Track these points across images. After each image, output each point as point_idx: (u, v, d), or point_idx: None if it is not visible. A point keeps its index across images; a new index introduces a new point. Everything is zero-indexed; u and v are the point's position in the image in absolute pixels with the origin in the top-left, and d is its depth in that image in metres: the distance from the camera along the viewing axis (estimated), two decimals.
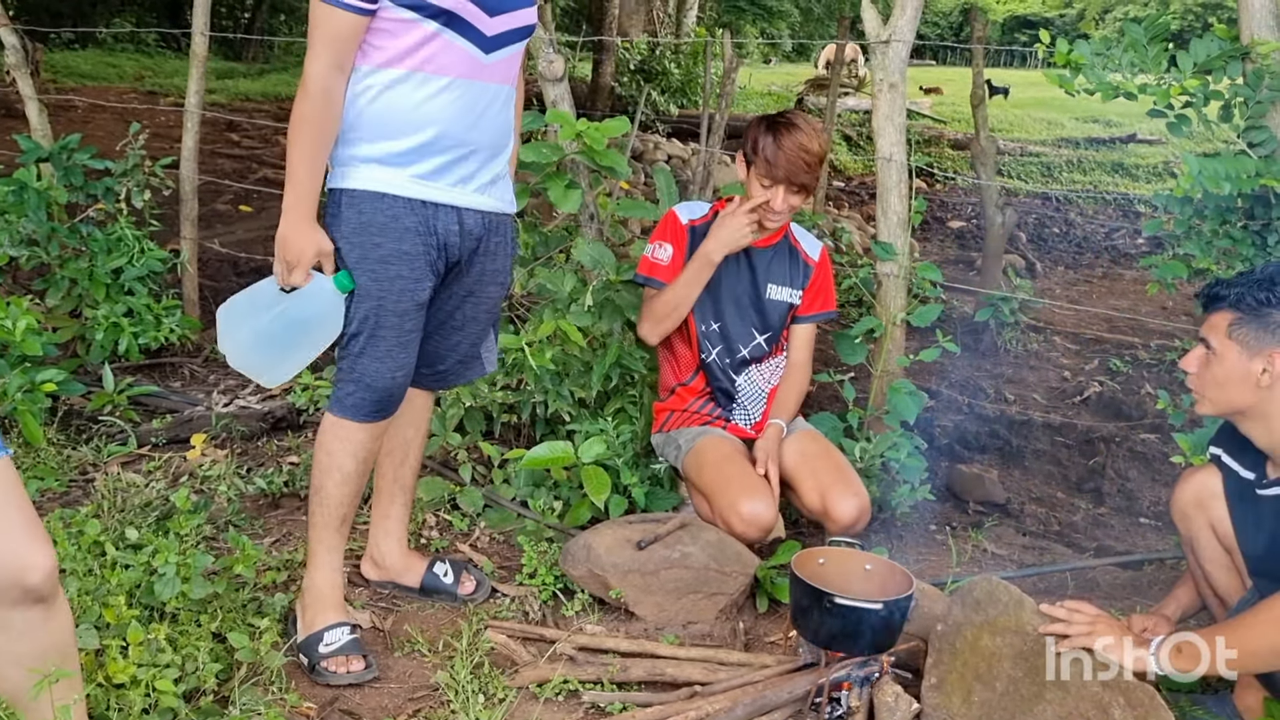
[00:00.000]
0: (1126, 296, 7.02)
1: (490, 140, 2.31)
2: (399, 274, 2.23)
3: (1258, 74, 2.63)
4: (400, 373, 2.30)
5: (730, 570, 2.58)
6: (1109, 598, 2.89)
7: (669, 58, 13.23)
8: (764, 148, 2.77)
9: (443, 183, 2.25)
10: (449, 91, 2.19)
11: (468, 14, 2.16)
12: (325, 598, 2.36)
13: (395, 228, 2.21)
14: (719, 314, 2.96)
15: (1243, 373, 2.06)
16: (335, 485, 2.33)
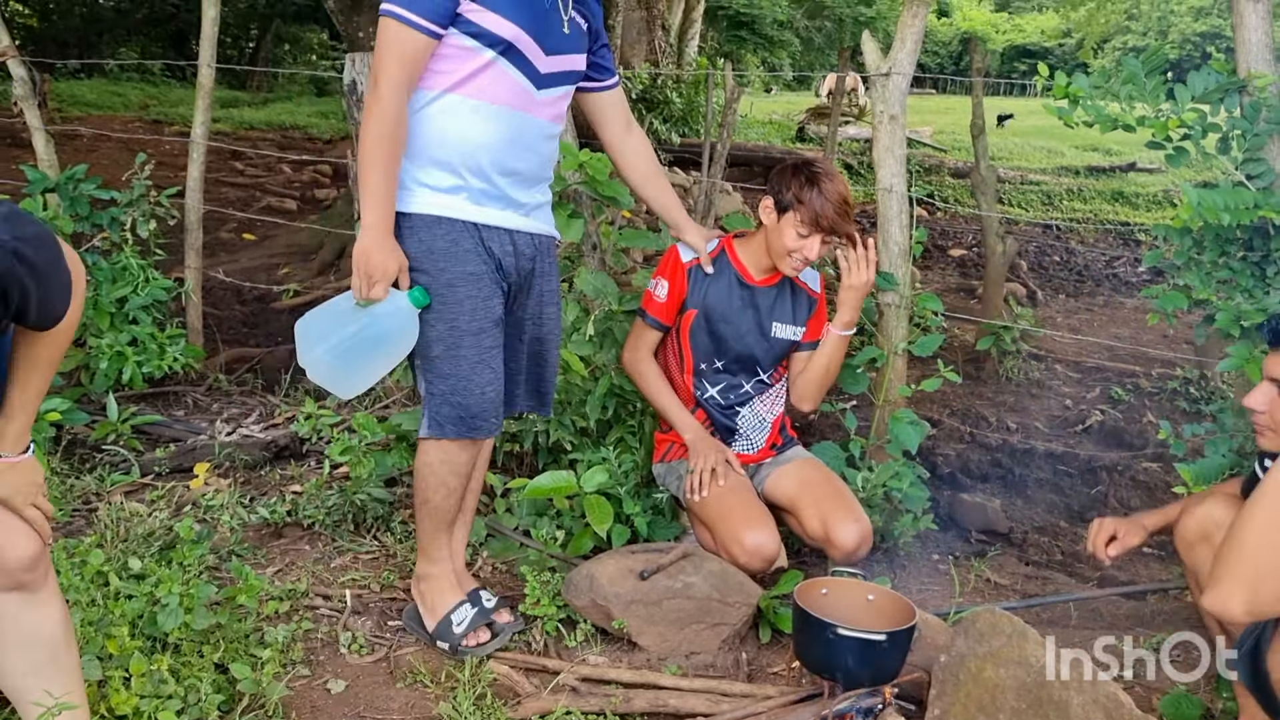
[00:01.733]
0: (1128, 325, 7.02)
1: (535, 170, 2.44)
2: (467, 295, 2.33)
3: (1255, 106, 2.66)
4: (489, 389, 2.38)
5: (733, 600, 2.57)
6: (1112, 627, 2.88)
7: (671, 87, 13.30)
8: (811, 199, 2.74)
9: (493, 207, 2.36)
10: (499, 120, 2.31)
11: (525, 47, 2.29)
12: (443, 583, 2.52)
13: (456, 251, 2.32)
14: (723, 353, 2.96)
15: None
16: (443, 499, 2.46)
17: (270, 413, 4.03)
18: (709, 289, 2.94)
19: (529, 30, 2.29)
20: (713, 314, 2.93)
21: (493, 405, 2.40)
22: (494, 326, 2.38)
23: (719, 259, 2.96)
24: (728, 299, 2.94)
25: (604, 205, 3.53)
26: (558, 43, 2.37)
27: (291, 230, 7.47)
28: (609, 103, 2.73)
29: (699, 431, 2.95)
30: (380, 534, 3.06)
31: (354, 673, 2.40)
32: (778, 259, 2.86)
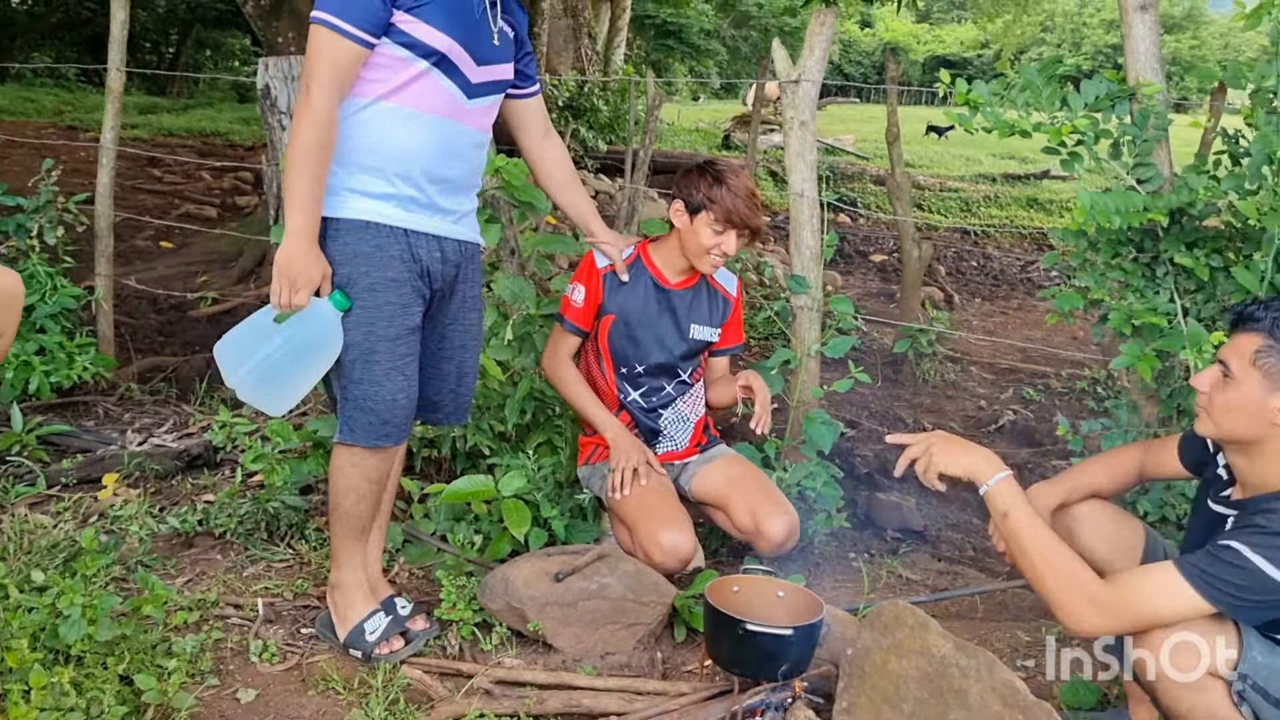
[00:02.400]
0: (1040, 327, 7.22)
1: (464, 178, 2.46)
2: (387, 300, 2.32)
3: (1144, 114, 2.76)
4: (401, 395, 2.37)
5: (648, 600, 2.60)
6: (1018, 619, 2.97)
7: (597, 95, 13.36)
8: (718, 195, 2.80)
9: (422, 214, 2.37)
10: (431, 128, 2.33)
11: (457, 58, 2.32)
12: (355, 592, 2.50)
13: (380, 256, 2.31)
14: (643, 359, 2.99)
15: (1259, 405, 1.94)
16: (353, 504, 2.45)
17: (184, 422, 3.97)
18: (626, 294, 2.97)
19: (461, 41, 2.31)
20: (630, 318, 2.97)
21: (405, 412, 2.40)
22: (410, 334, 2.38)
23: (635, 265, 2.99)
24: (644, 303, 2.97)
25: (524, 211, 3.54)
26: (488, 53, 2.40)
27: (210, 237, 7.34)
28: (529, 109, 2.76)
29: (620, 430, 2.98)
30: (294, 542, 3.03)
31: (265, 681, 2.38)
32: (696, 259, 2.90)
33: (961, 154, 15.63)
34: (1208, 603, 1.86)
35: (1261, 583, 1.84)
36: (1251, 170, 2.53)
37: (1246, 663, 1.90)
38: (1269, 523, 1.88)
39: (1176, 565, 1.90)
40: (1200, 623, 1.90)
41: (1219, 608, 1.87)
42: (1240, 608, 1.87)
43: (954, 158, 15.33)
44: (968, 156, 15.43)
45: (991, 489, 2.10)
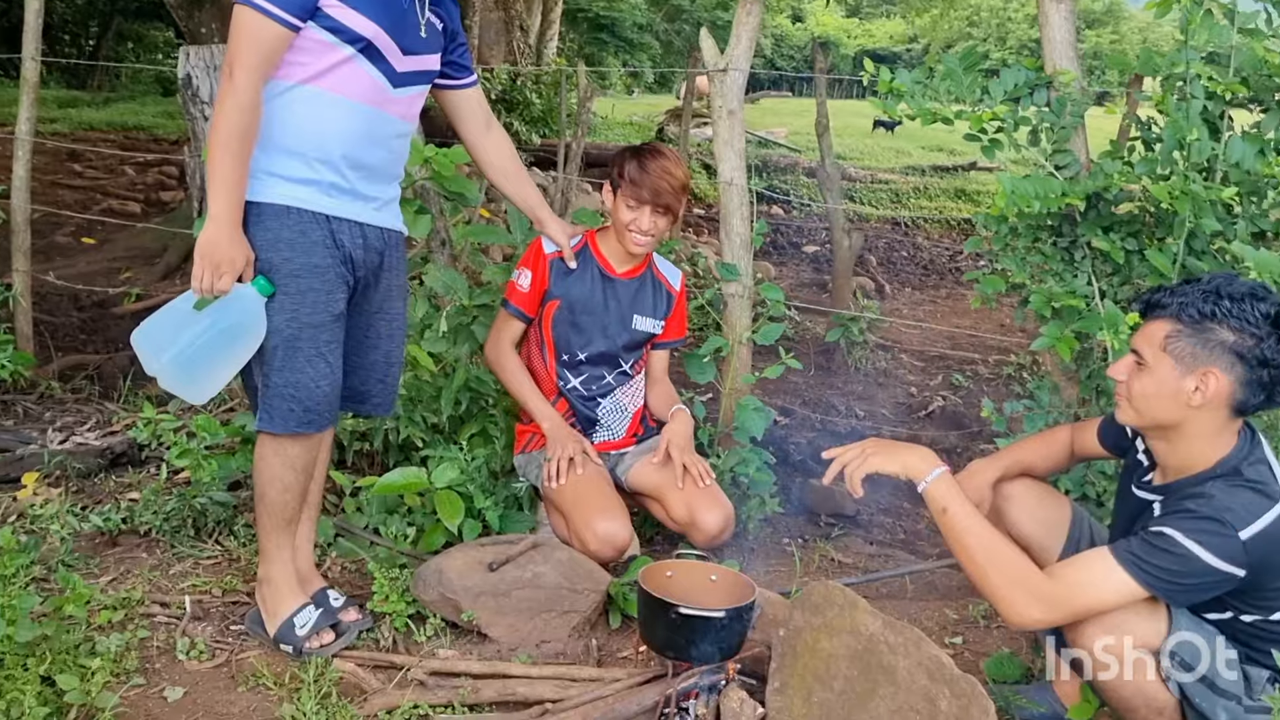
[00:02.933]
0: (968, 315, 7.35)
1: (386, 167, 2.45)
2: (310, 286, 2.30)
3: (1061, 101, 2.83)
4: (324, 382, 2.35)
5: (582, 588, 2.60)
6: (946, 597, 3.03)
7: (530, 88, 13.28)
8: (629, 171, 2.88)
9: (344, 199, 2.34)
10: (355, 115, 2.31)
11: (383, 46, 2.30)
12: (284, 586, 2.47)
13: (304, 242, 2.29)
14: (586, 346, 3.01)
15: (1174, 389, 1.95)
16: (278, 493, 2.41)
17: (108, 420, 3.88)
18: (572, 280, 2.99)
19: (388, 29, 2.29)
20: (575, 305, 2.98)
21: (328, 400, 2.37)
22: (334, 321, 2.36)
23: (582, 252, 3.02)
24: (590, 291, 2.99)
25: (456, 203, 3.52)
26: (414, 43, 2.39)
27: (134, 233, 7.17)
28: (468, 101, 2.76)
29: (557, 421, 2.98)
30: (223, 538, 2.98)
31: (193, 679, 2.34)
32: (621, 238, 2.95)
33: (891, 146, 15.85)
34: (1143, 589, 1.90)
35: (1196, 567, 1.87)
36: (1163, 155, 2.61)
37: (1174, 640, 1.94)
38: (1198, 506, 1.91)
39: (1113, 554, 1.93)
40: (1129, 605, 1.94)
41: (1154, 593, 1.91)
42: (1174, 591, 1.91)
43: (884, 150, 15.54)
44: (897, 149, 15.65)
45: (929, 486, 2.12)
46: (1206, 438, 1.99)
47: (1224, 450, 1.99)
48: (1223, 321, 1.92)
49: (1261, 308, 1.91)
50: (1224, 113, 2.63)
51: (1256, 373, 1.91)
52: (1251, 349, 1.90)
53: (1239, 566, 1.87)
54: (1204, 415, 1.96)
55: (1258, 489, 1.91)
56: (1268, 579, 1.93)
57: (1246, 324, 1.91)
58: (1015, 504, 2.37)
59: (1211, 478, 1.97)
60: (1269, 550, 1.88)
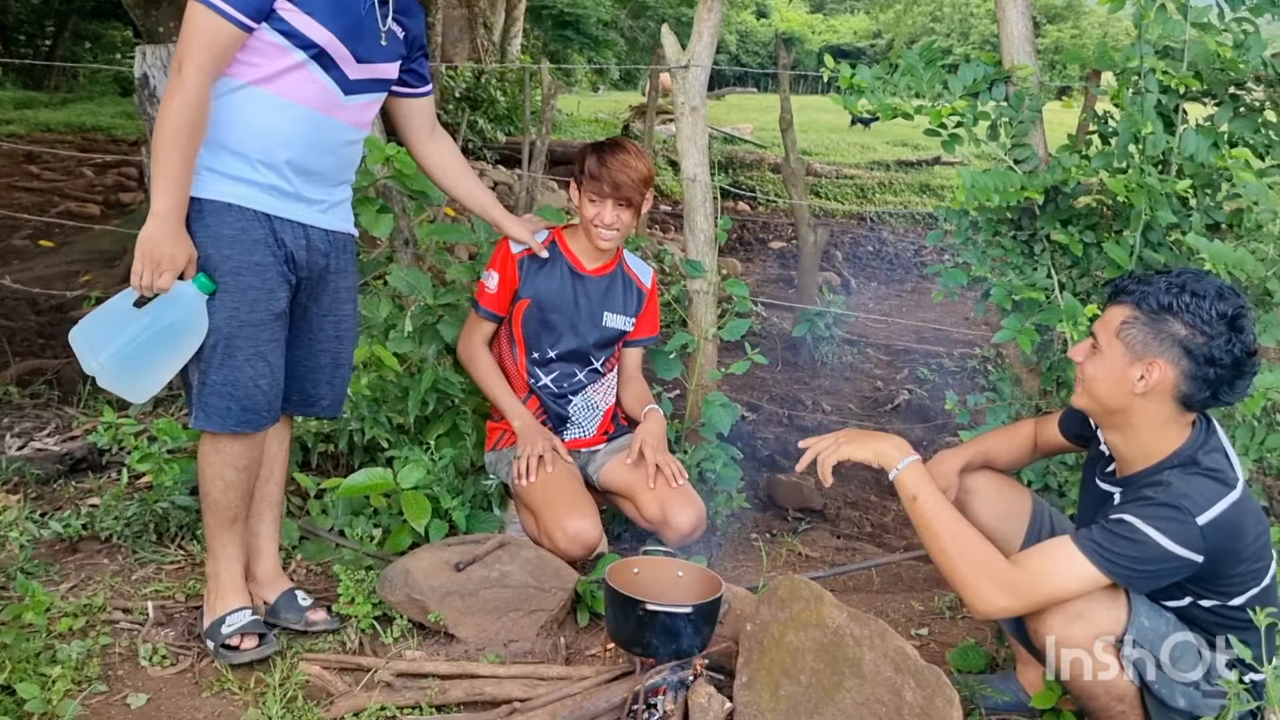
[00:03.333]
0: (933, 309, 7.41)
1: (333, 173, 2.43)
2: (251, 284, 2.28)
3: (1019, 95, 2.86)
4: (263, 381, 2.32)
5: (550, 587, 2.60)
6: (912, 589, 3.06)
7: (495, 85, 13.23)
8: (590, 166, 2.89)
9: (287, 201, 2.33)
10: (302, 121, 2.29)
11: (336, 54, 2.29)
12: (226, 586, 2.45)
13: (245, 240, 2.27)
14: (556, 343, 3.00)
15: (1120, 375, 1.99)
16: (220, 492, 2.40)
17: (67, 425, 3.82)
18: (541, 279, 2.98)
19: (341, 37, 2.28)
20: (545, 303, 2.97)
21: (267, 399, 2.35)
22: (275, 320, 2.33)
23: (551, 250, 3.01)
24: (560, 288, 2.99)
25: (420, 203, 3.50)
26: (371, 51, 2.37)
27: (93, 236, 7.07)
28: (417, 109, 2.73)
29: (528, 419, 2.98)
30: (185, 543, 2.95)
31: (156, 685, 2.31)
32: (587, 234, 2.96)
33: (856, 142, 15.93)
34: (1105, 576, 1.93)
35: (1155, 553, 1.90)
36: (1119, 149, 2.64)
37: (1134, 628, 1.97)
38: (1156, 494, 1.94)
39: (1074, 541, 1.96)
40: (1090, 593, 1.96)
41: (1115, 580, 1.94)
42: (1135, 578, 1.94)
43: (849, 145, 15.62)
44: (862, 144, 15.73)
45: (900, 474, 2.15)
46: (1154, 429, 2.02)
47: (1178, 441, 2.02)
48: (1178, 315, 1.94)
49: (1220, 307, 1.93)
50: (1178, 106, 2.66)
51: (1203, 369, 1.93)
52: (1200, 346, 1.93)
53: (1197, 552, 1.90)
54: (1150, 405, 1.99)
55: (1214, 476, 1.94)
56: (1225, 565, 1.96)
57: (1200, 321, 1.92)
58: (977, 497, 2.39)
59: (1169, 467, 2.00)
60: (1225, 536, 1.91)
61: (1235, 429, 2.65)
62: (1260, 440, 2.63)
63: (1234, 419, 2.69)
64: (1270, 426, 2.71)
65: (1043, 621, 1.99)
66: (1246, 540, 1.96)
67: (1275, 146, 2.68)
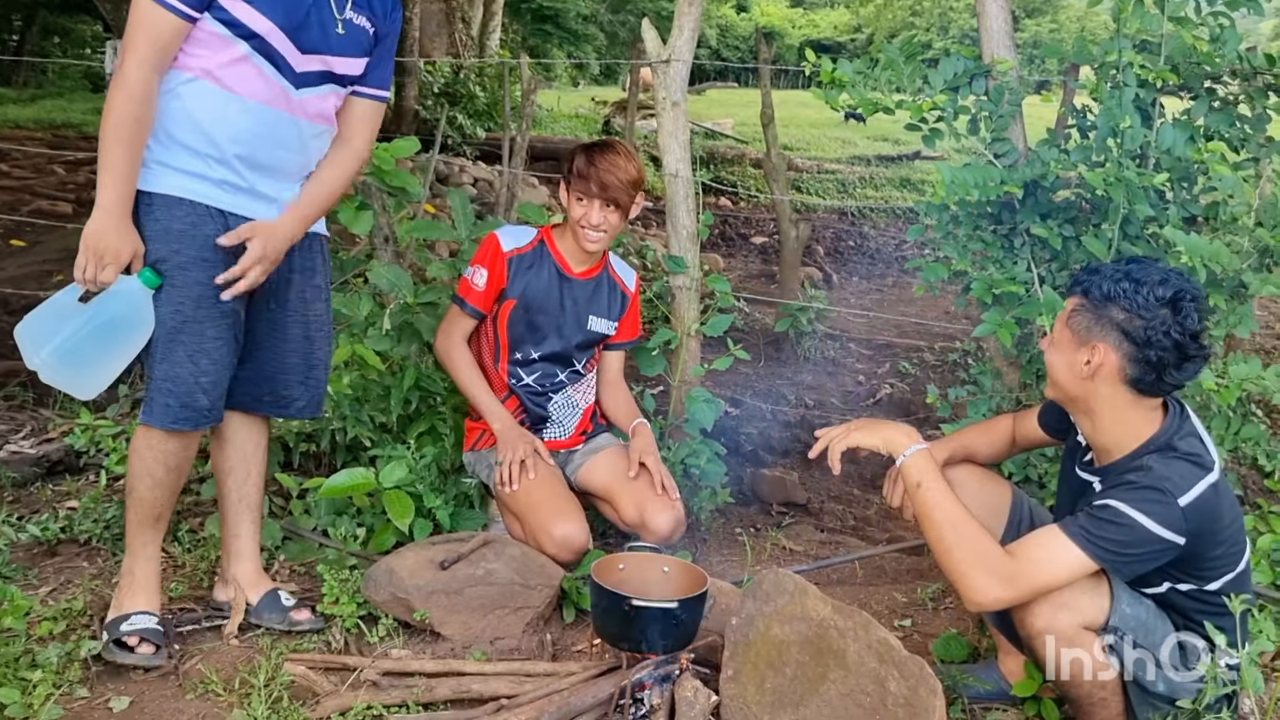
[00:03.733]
0: (915, 304, 7.43)
1: (293, 169, 2.39)
2: (197, 280, 2.25)
3: (999, 90, 2.87)
4: (205, 379, 2.29)
5: (535, 584, 2.60)
6: (895, 581, 3.07)
7: (474, 81, 13.19)
8: (578, 165, 2.87)
9: (242, 198, 2.30)
10: (251, 114, 2.26)
11: (278, 43, 2.25)
12: (139, 585, 2.40)
13: (195, 235, 2.24)
14: (540, 345, 2.99)
15: (1069, 360, 2.06)
16: (147, 489, 2.35)
17: (43, 427, 3.79)
18: (529, 279, 2.95)
19: (284, 26, 2.23)
20: (532, 304, 2.95)
21: (208, 398, 2.31)
22: (221, 318, 2.29)
23: (539, 250, 2.98)
24: (547, 290, 2.96)
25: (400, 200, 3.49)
26: (319, 42, 2.31)
27: (65, 234, 6.99)
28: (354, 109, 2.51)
29: (508, 421, 2.96)
30: (167, 544, 2.92)
31: (139, 688, 2.30)
32: (574, 235, 2.93)
33: (837, 136, 15.96)
34: (1094, 561, 1.96)
35: (1141, 536, 1.94)
36: (1098, 143, 2.66)
37: (1116, 615, 2.01)
38: (1138, 478, 1.97)
39: (1063, 530, 1.99)
40: (1075, 582, 1.99)
41: (1103, 565, 1.97)
42: (1122, 563, 1.97)
43: (830, 140, 15.65)
44: (843, 139, 15.77)
45: (907, 460, 2.18)
46: (1117, 414, 2.06)
47: (1151, 429, 2.06)
48: (1117, 300, 2.00)
49: (1159, 292, 1.98)
50: (1155, 100, 2.69)
51: (1143, 352, 1.98)
52: (1138, 329, 1.98)
53: (1180, 534, 1.93)
54: (1103, 390, 2.04)
55: (1192, 460, 1.99)
56: (1204, 548, 1.99)
57: (1137, 305, 1.98)
58: (959, 489, 2.39)
59: (1147, 452, 2.04)
60: (1205, 518, 1.96)
61: (1211, 419, 2.68)
62: (1235, 430, 2.66)
63: (1210, 410, 2.72)
64: (1245, 417, 2.74)
65: (1029, 611, 2.01)
66: (1224, 523, 2.01)
67: (1250, 140, 2.72)
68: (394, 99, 12.96)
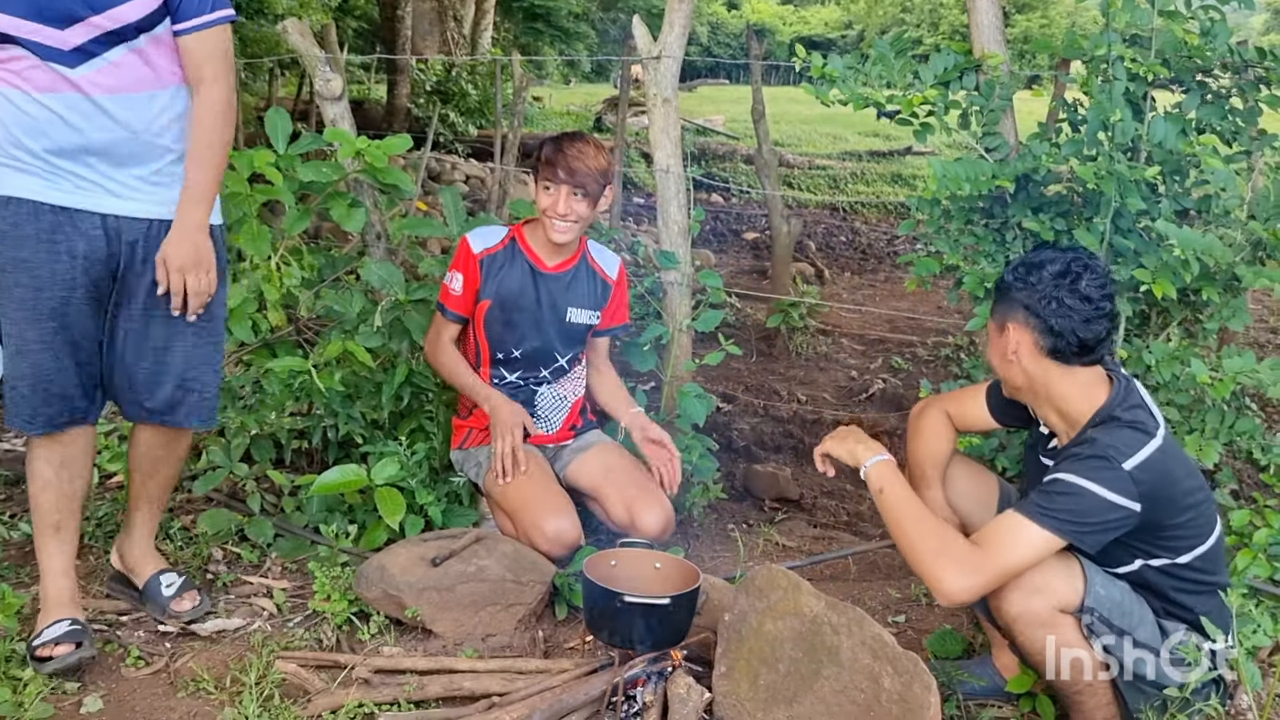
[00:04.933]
0: (906, 298, 7.44)
1: (112, 148, 2.22)
2: (17, 282, 2.20)
3: (990, 84, 2.87)
4: (53, 384, 2.25)
5: (527, 580, 2.59)
6: (888, 577, 3.07)
7: (466, 79, 13.18)
8: (545, 153, 2.84)
9: (71, 186, 2.20)
10: (40, 105, 2.16)
11: (29, 32, 2.11)
12: (51, 601, 2.36)
13: (15, 235, 2.19)
14: (520, 342, 2.96)
15: (999, 349, 2.19)
16: (39, 489, 2.35)
17: None
18: (502, 278, 2.93)
19: (25, 13, 2.10)
20: (507, 303, 2.93)
21: (55, 401, 2.26)
22: (45, 319, 2.21)
23: (511, 248, 2.95)
24: (520, 287, 2.93)
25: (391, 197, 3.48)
26: (77, 7, 2.12)
27: None
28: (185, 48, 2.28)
29: (497, 398, 2.90)
30: (159, 543, 2.91)
31: (130, 687, 2.29)
32: (544, 226, 2.89)
33: (828, 132, 15.96)
34: (1055, 535, 2.00)
35: (1093, 503, 1.99)
36: (1089, 137, 2.66)
37: (1091, 597, 2.04)
38: (1082, 450, 2.05)
39: (1019, 511, 2.04)
40: (1046, 562, 2.03)
41: (1065, 538, 2.00)
42: (1081, 533, 2.01)
43: (821, 136, 15.65)
44: (834, 135, 15.77)
45: (868, 470, 2.27)
46: (1056, 389, 2.16)
47: (1096, 403, 2.13)
48: (1016, 284, 2.15)
49: (1051, 268, 2.11)
50: (1146, 94, 2.69)
51: (1047, 321, 2.10)
52: (1036, 302, 2.11)
53: (1133, 499, 1.99)
54: (1033, 369, 2.15)
55: (1135, 427, 2.06)
56: (1164, 514, 2.04)
57: (1030, 283, 2.12)
58: (951, 484, 2.44)
59: (1091, 426, 2.11)
60: (1155, 482, 2.01)
61: (1205, 413, 2.68)
62: (1230, 424, 2.66)
63: (1204, 404, 2.72)
64: (1239, 411, 2.74)
65: (1003, 598, 2.05)
66: (1180, 487, 2.07)
67: (1242, 133, 2.72)
68: (387, 97, 12.96)
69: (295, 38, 3.42)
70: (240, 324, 3.02)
